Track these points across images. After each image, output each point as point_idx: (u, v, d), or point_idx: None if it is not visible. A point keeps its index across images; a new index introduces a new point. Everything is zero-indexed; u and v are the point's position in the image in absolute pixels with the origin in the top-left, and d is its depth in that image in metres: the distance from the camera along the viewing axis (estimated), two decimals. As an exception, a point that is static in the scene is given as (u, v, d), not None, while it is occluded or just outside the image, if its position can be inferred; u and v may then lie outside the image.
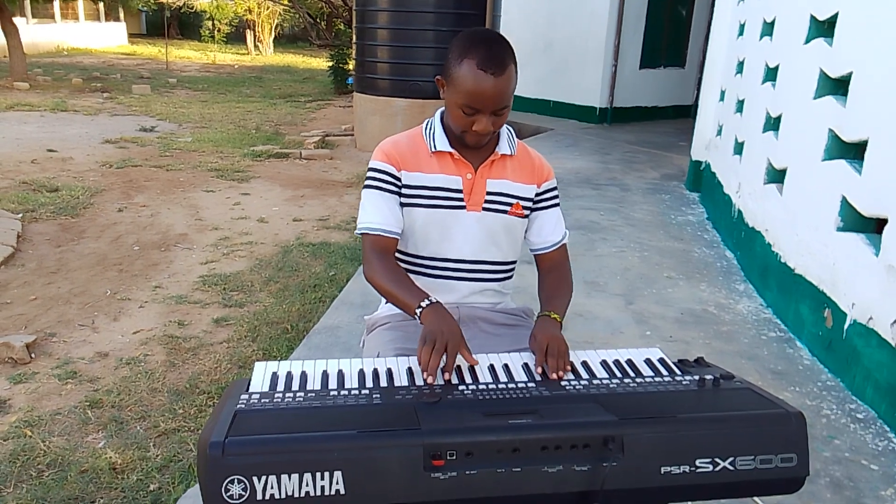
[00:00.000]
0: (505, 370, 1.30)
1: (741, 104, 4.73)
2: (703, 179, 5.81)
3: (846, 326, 2.75)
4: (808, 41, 3.42)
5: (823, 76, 3.17)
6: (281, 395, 1.14)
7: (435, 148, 1.56)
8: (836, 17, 3.09)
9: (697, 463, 1.07)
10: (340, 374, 1.25)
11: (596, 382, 1.24)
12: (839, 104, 2.95)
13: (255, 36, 26.08)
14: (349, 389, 1.17)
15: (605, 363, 1.35)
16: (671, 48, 10.31)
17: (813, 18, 3.39)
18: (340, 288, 3.72)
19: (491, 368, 1.30)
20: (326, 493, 0.97)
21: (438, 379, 1.23)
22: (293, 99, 13.16)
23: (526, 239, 1.69)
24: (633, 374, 1.30)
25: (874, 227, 2.76)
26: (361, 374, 1.25)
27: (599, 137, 8.72)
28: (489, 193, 1.57)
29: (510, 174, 1.59)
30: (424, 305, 1.38)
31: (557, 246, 1.67)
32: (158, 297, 3.75)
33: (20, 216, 4.93)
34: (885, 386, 2.47)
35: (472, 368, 1.30)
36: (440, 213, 1.56)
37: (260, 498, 0.96)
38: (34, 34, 19.89)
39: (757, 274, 3.81)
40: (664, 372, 1.31)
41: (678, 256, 4.30)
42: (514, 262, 1.69)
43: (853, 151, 2.87)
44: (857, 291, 2.70)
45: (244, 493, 0.96)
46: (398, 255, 1.62)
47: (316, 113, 11.54)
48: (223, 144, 8.18)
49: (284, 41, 32.25)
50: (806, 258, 3.16)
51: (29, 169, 6.49)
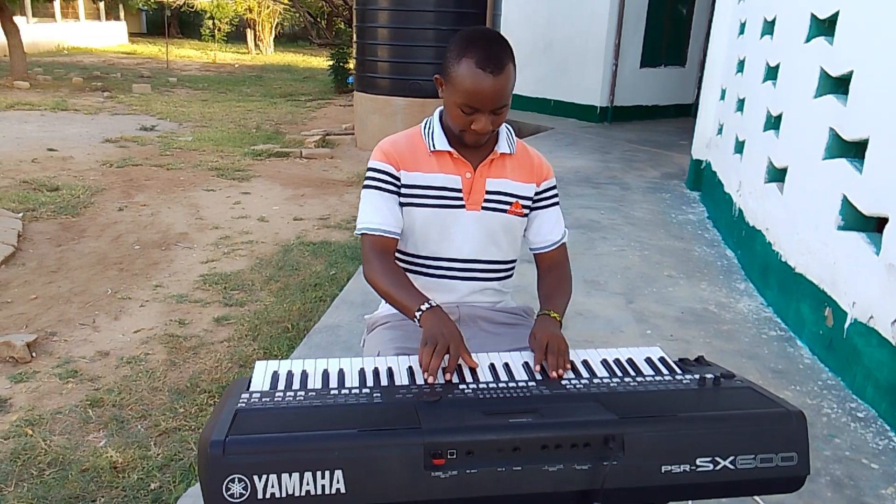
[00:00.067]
0: (505, 369, 1.30)
1: (742, 103, 4.73)
2: (703, 178, 5.81)
3: (847, 325, 2.75)
4: (808, 40, 3.42)
5: (824, 75, 3.17)
6: (282, 394, 1.14)
7: (434, 147, 1.55)
8: (836, 15, 3.09)
9: (698, 462, 1.07)
10: (341, 373, 1.25)
11: (596, 381, 1.24)
12: (840, 103, 2.95)
13: (255, 35, 26.08)
14: (350, 388, 1.18)
15: (605, 362, 1.35)
16: (672, 47, 10.30)
17: (814, 17, 3.38)
18: (341, 287, 3.72)
19: (491, 367, 1.30)
20: (327, 492, 0.98)
21: (439, 378, 1.23)
22: (293, 98, 13.16)
23: (525, 238, 1.68)
24: (633, 373, 1.30)
25: (875, 226, 2.76)
26: (362, 373, 1.25)
27: (600, 136, 8.71)
28: (488, 192, 1.57)
29: (509, 173, 1.59)
30: (424, 309, 1.38)
31: (557, 245, 1.66)
32: (159, 296, 3.75)
33: (21, 215, 4.93)
34: (885, 385, 2.47)
35: (472, 368, 1.30)
36: (440, 212, 1.55)
37: (261, 497, 0.96)
38: (34, 33, 19.89)
39: (757, 273, 3.81)
40: (665, 371, 1.31)
41: (678, 255, 4.30)
42: (513, 261, 1.68)
43: (854, 150, 2.87)
44: (857, 290, 2.70)
45: (245, 491, 0.96)
46: (398, 254, 1.62)
47: (316, 112, 11.53)
48: (223, 143, 8.18)
49: (285, 40, 32.24)
50: (806, 257, 3.15)
51: (29, 168, 6.49)
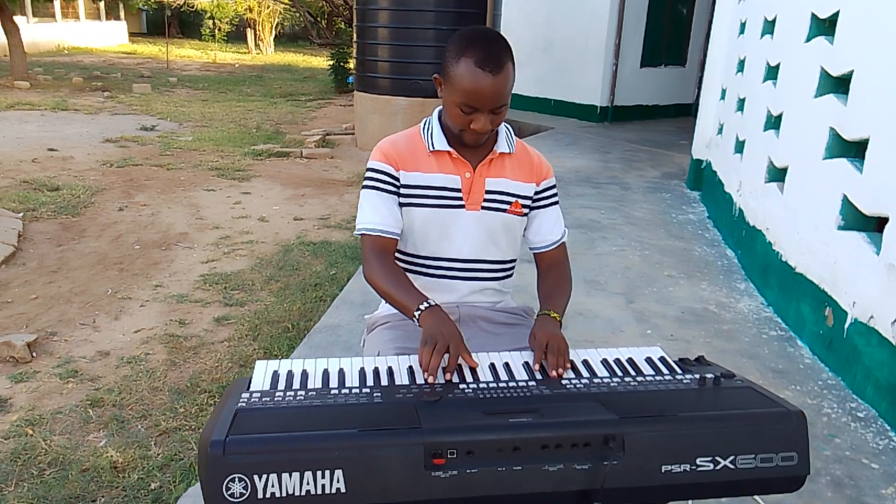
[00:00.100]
0: (506, 369, 1.30)
1: (742, 103, 4.72)
2: (703, 178, 5.81)
3: (847, 325, 2.75)
4: (808, 39, 3.42)
5: (824, 74, 3.16)
6: (282, 393, 1.14)
7: (433, 147, 1.55)
8: (836, 15, 3.09)
9: (698, 462, 1.07)
10: (341, 372, 1.25)
11: (597, 381, 1.24)
12: (840, 102, 2.94)
13: (255, 35, 26.08)
14: (350, 388, 1.17)
15: (605, 362, 1.35)
16: (672, 47, 10.30)
17: (814, 17, 3.38)
18: (341, 287, 3.72)
19: (492, 367, 1.30)
20: (327, 491, 0.98)
21: (439, 378, 1.23)
22: (294, 98, 13.16)
23: (525, 237, 1.68)
24: (633, 372, 1.30)
25: (875, 225, 2.76)
26: (362, 372, 1.25)
27: (600, 136, 8.71)
28: (488, 192, 1.56)
29: (509, 172, 1.59)
30: (423, 308, 1.37)
31: (557, 244, 1.66)
32: (159, 296, 3.75)
33: (21, 215, 4.93)
34: (885, 385, 2.47)
35: (472, 368, 1.30)
36: (439, 212, 1.55)
37: (261, 496, 0.96)
38: (35, 33, 19.89)
39: (758, 272, 3.81)
40: (665, 371, 1.31)
41: (679, 255, 4.30)
42: (513, 260, 1.68)
43: (854, 150, 2.86)
44: (857, 290, 2.70)
45: (245, 491, 0.96)
46: (398, 254, 1.62)
47: (316, 112, 11.53)
48: (224, 143, 8.18)
49: (285, 40, 32.23)
50: (807, 257, 3.15)
51: (30, 168, 6.49)
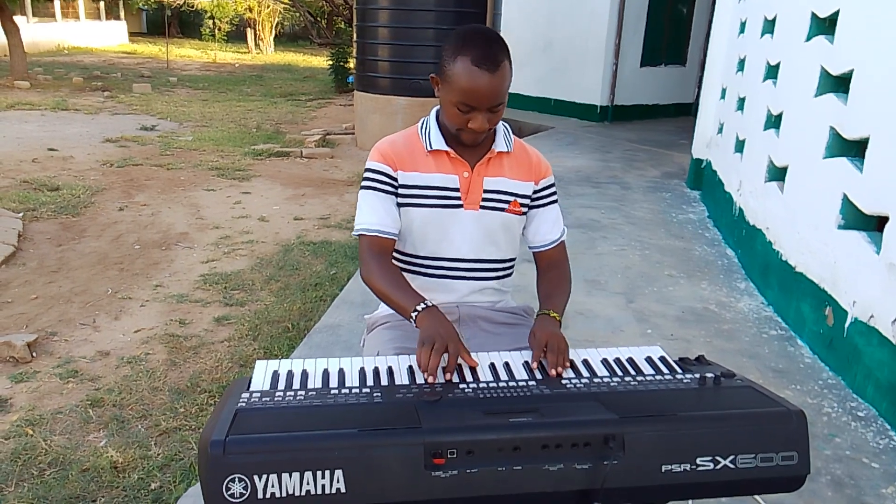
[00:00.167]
0: (506, 368, 1.30)
1: (742, 102, 4.72)
2: (703, 177, 5.80)
3: (847, 325, 2.74)
4: (809, 39, 3.42)
5: (824, 74, 3.16)
6: (282, 393, 1.14)
7: (431, 147, 1.55)
8: (837, 14, 3.09)
9: (698, 461, 1.07)
10: (341, 372, 1.25)
11: (597, 381, 1.24)
12: (840, 102, 2.94)
13: (255, 34, 26.07)
14: (350, 388, 1.17)
15: (605, 361, 1.35)
16: (672, 46, 10.29)
17: (814, 16, 3.38)
18: (341, 287, 3.72)
19: (492, 367, 1.30)
20: (327, 491, 0.97)
21: (439, 377, 1.23)
22: (294, 97, 13.16)
23: (524, 237, 1.68)
24: (633, 372, 1.30)
25: (875, 225, 2.75)
26: (362, 372, 1.25)
27: (600, 136, 8.71)
28: (486, 191, 1.56)
29: (507, 172, 1.58)
30: (420, 309, 1.37)
31: (556, 243, 1.66)
32: (159, 295, 3.75)
33: (21, 215, 4.93)
34: (885, 384, 2.47)
35: (472, 367, 1.30)
36: (438, 212, 1.55)
37: (261, 496, 0.96)
38: (35, 33, 19.88)
39: (758, 272, 3.81)
40: (665, 370, 1.31)
41: (679, 255, 4.30)
42: (513, 259, 1.68)
43: (854, 149, 2.86)
44: (858, 289, 2.70)
45: (245, 491, 0.96)
46: (396, 255, 1.62)
47: (316, 111, 11.53)
48: (224, 143, 8.18)
49: (285, 40, 32.22)
50: (807, 256, 3.15)
51: (30, 168, 6.49)
